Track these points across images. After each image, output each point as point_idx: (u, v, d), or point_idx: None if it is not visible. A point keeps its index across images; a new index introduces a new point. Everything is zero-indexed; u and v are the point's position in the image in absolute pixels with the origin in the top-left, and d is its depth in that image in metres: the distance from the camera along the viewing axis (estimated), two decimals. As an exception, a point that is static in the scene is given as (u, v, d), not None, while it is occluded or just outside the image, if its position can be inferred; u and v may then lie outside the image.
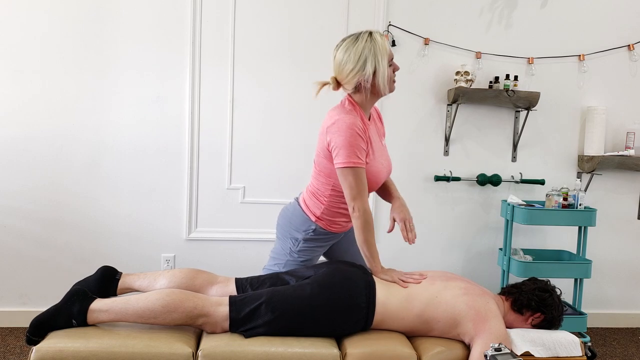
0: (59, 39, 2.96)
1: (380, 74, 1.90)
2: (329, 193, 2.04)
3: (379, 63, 1.89)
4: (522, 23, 3.24)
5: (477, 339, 1.79)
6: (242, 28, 3.07)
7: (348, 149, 1.88)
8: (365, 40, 1.90)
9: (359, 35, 1.93)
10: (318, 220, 2.08)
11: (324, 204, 2.06)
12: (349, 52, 1.91)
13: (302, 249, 2.12)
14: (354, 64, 1.90)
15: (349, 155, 1.88)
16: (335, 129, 1.90)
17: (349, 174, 1.90)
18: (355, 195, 1.92)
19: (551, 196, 3.00)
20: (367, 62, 1.89)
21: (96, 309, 1.77)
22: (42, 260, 3.07)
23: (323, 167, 2.01)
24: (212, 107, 3.09)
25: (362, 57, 1.89)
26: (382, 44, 1.90)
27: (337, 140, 1.89)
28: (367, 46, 1.89)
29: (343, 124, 1.89)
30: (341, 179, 1.93)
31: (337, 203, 2.05)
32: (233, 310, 1.79)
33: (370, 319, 1.85)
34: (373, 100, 2.01)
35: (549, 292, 1.99)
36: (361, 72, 1.90)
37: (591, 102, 3.33)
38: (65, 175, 3.03)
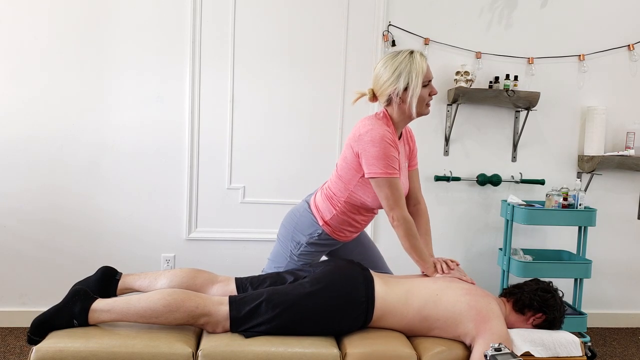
0: (59, 39, 2.96)
1: (411, 90, 1.93)
2: (344, 200, 2.04)
3: (412, 80, 1.93)
4: (522, 23, 3.25)
5: (478, 339, 1.80)
6: (242, 28, 3.07)
7: (383, 160, 1.90)
8: (405, 56, 1.95)
9: (400, 51, 1.98)
10: (325, 225, 2.08)
11: (336, 209, 2.06)
12: (387, 65, 1.96)
13: (303, 252, 2.12)
14: (388, 76, 1.94)
15: (384, 165, 1.91)
16: (368, 138, 1.92)
17: (385, 185, 1.92)
18: (393, 205, 1.94)
19: (551, 196, 3.00)
20: (401, 76, 1.93)
21: (97, 308, 1.77)
22: (42, 261, 3.07)
23: (345, 174, 2.02)
24: (212, 107, 3.09)
25: (397, 70, 1.93)
26: (419, 63, 1.94)
27: (371, 151, 1.91)
28: (405, 62, 1.94)
29: (377, 135, 1.91)
30: (377, 190, 1.95)
31: (349, 212, 2.06)
32: (233, 309, 1.79)
33: (370, 315, 1.85)
34: (404, 119, 2.02)
35: (551, 293, 2.00)
36: (394, 85, 1.94)
37: (591, 102, 3.33)
38: (65, 176, 3.04)
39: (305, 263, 2.13)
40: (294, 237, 2.13)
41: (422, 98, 1.97)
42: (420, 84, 1.94)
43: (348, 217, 2.08)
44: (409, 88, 1.93)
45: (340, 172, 2.04)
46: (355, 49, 3.14)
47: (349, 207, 2.06)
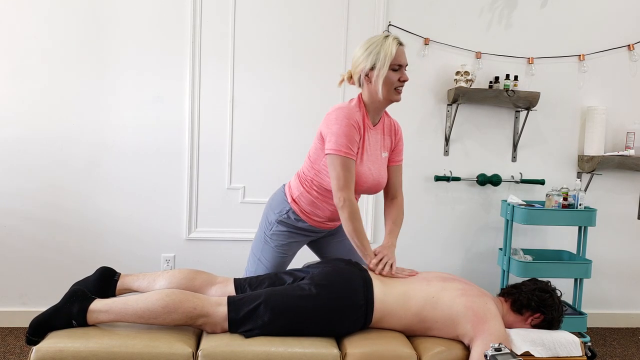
0: (59, 39, 2.96)
1: (377, 69, 1.95)
2: (311, 178, 2.07)
3: (379, 60, 1.95)
4: (522, 23, 3.24)
5: (476, 340, 1.79)
6: (242, 28, 3.07)
7: (341, 137, 1.93)
8: (378, 38, 1.99)
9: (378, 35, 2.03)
10: (293, 202, 2.11)
11: (304, 187, 2.09)
12: (361, 46, 2.01)
13: (275, 232, 2.14)
14: (360, 54, 1.99)
15: (341, 144, 1.93)
16: (333, 116, 1.97)
17: (337, 163, 1.94)
18: (342, 186, 1.95)
19: (551, 196, 3.00)
20: (370, 56, 1.96)
21: (96, 309, 1.77)
22: (42, 260, 3.07)
23: (313, 153, 2.06)
24: (212, 107, 3.09)
25: (368, 50, 1.97)
26: (389, 46, 1.95)
27: (332, 128, 1.95)
28: (376, 43, 1.97)
29: (341, 113, 1.96)
30: (330, 167, 1.96)
31: (316, 193, 2.08)
32: (232, 310, 1.79)
33: (370, 317, 1.85)
34: (375, 102, 2.02)
35: (549, 292, 1.99)
36: (363, 64, 1.97)
37: (591, 102, 3.33)
38: (65, 176, 3.04)
39: (280, 246, 2.14)
40: (267, 218, 2.18)
41: (390, 81, 1.97)
42: (387, 65, 1.95)
43: (314, 199, 2.09)
44: (375, 67, 1.95)
45: (311, 152, 2.08)
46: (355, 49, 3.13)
47: (316, 187, 2.08)
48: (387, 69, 1.95)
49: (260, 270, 2.17)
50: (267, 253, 2.16)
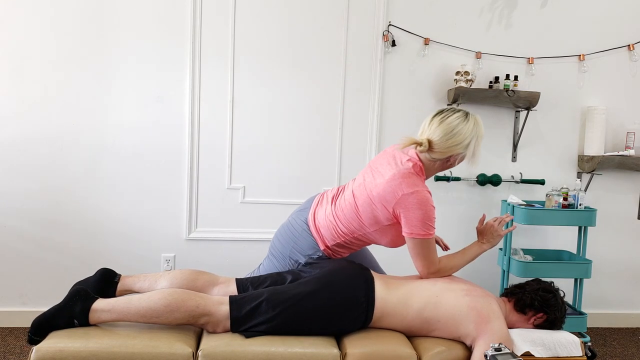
0: (59, 40, 2.96)
1: (476, 157, 2.01)
2: (355, 236, 2.05)
3: (478, 147, 2.00)
4: (522, 23, 3.25)
5: (479, 340, 1.80)
6: (242, 28, 3.07)
7: (426, 222, 1.92)
8: (473, 123, 1.98)
9: (465, 114, 1.99)
10: (327, 249, 2.08)
11: (341, 239, 2.06)
12: (459, 129, 1.95)
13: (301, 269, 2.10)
14: (460, 141, 1.95)
15: (427, 227, 1.93)
16: (414, 200, 1.90)
17: (423, 245, 1.94)
18: (429, 265, 1.98)
19: (551, 196, 3.00)
20: (470, 145, 1.97)
21: (98, 308, 1.77)
22: (42, 261, 3.07)
23: (367, 219, 2.00)
24: (212, 107, 3.09)
25: (468, 138, 1.96)
26: (482, 131, 2.01)
27: (416, 214, 1.91)
28: (475, 130, 1.98)
29: (423, 198, 1.91)
30: (412, 248, 1.96)
31: (355, 244, 2.08)
32: (234, 309, 1.79)
33: (370, 315, 1.85)
34: (439, 171, 2.07)
35: (553, 292, 2.00)
36: (461, 150, 1.97)
37: (591, 102, 3.33)
38: (65, 176, 3.03)
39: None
40: (291, 256, 2.12)
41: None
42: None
43: (352, 245, 2.10)
44: (475, 154, 2.00)
45: (364, 215, 2.00)
46: (355, 49, 3.14)
47: (357, 241, 2.07)
48: (480, 153, 2.03)
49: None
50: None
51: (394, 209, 1.93)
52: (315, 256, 2.08)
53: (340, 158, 3.19)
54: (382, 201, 1.94)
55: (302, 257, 2.09)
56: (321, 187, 3.20)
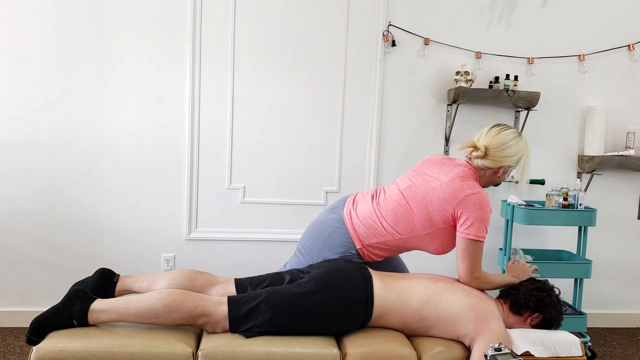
0: (59, 40, 2.96)
1: (525, 176, 2.11)
2: (404, 238, 2.03)
3: (527, 167, 2.11)
4: (522, 23, 3.25)
5: (477, 340, 1.80)
6: (242, 28, 3.07)
7: (484, 223, 1.95)
8: (525, 143, 2.11)
9: (519, 133, 2.11)
10: (363, 248, 2.05)
11: (378, 239, 2.04)
12: (513, 143, 2.06)
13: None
14: (513, 154, 2.06)
15: (483, 229, 1.95)
16: (476, 200, 1.95)
17: (475, 247, 1.95)
18: (474, 268, 1.98)
19: (551, 196, 3.00)
20: (521, 159, 2.09)
21: (97, 309, 1.77)
22: (42, 261, 3.07)
23: (421, 220, 1.99)
24: (212, 107, 3.09)
25: (520, 153, 2.08)
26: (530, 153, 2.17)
27: (477, 213, 1.94)
28: (526, 149, 2.10)
29: (484, 199, 1.97)
30: (462, 249, 1.96)
31: (397, 247, 2.07)
32: (232, 309, 1.79)
33: (370, 313, 1.85)
34: (487, 184, 2.13)
35: (547, 291, 1.99)
36: (512, 163, 2.07)
37: (591, 102, 3.33)
38: (65, 176, 3.04)
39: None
40: (321, 254, 2.07)
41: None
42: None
43: (389, 248, 2.06)
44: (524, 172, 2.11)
45: (419, 217, 1.99)
46: (355, 49, 3.14)
47: (401, 243, 2.05)
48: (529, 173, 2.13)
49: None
50: None
51: (454, 210, 1.95)
52: (349, 254, 2.04)
53: (340, 158, 3.19)
54: (443, 202, 1.96)
55: (333, 253, 2.05)
56: (321, 187, 3.20)
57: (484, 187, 2.08)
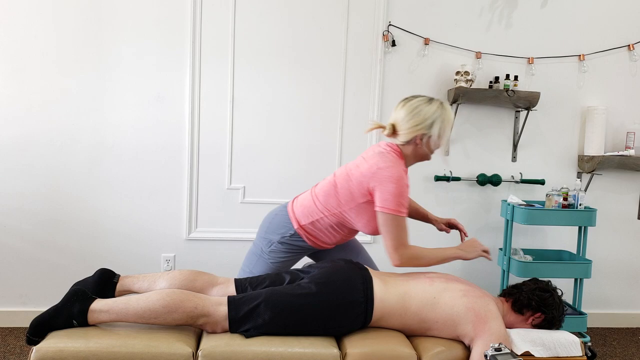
0: (59, 39, 2.96)
1: (438, 138, 2.02)
2: (333, 213, 2.07)
3: (444, 130, 2.02)
4: (522, 23, 3.25)
5: (477, 340, 1.80)
6: (242, 28, 3.07)
7: (398, 197, 1.93)
8: (437, 105, 2.02)
9: (431, 99, 2.04)
10: (300, 228, 2.11)
11: (318, 219, 2.09)
12: (420, 109, 2.00)
13: (274, 250, 2.15)
14: (420, 120, 1.99)
15: (398, 204, 1.93)
16: (387, 174, 1.95)
17: (394, 222, 1.94)
18: (398, 244, 1.97)
19: (551, 196, 3.00)
20: (434, 125, 2.00)
21: (97, 309, 1.77)
22: (42, 261, 3.07)
23: (344, 193, 2.04)
24: (212, 106, 3.09)
25: (431, 118, 1.99)
26: (451, 116, 2.04)
27: (388, 187, 1.93)
28: (438, 111, 2.01)
29: (396, 173, 1.95)
30: (383, 226, 1.96)
31: (331, 228, 2.10)
32: (232, 309, 1.79)
33: (369, 315, 1.85)
34: (414, 160, 2.08)
35: (550, 292, 2.00)
36: (424, 130, 1.99)
37: (591, 102, 3.33)
38: (64, 176, 3.04)
39: (275, 262, 2.15)
40: (266, 236, 2.18)
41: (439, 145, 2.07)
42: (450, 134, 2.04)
43: (327, 230, 2.11)
44: (441, 136, 2.02)
45: (341, 192, 2.05)
46: (355, 49, 3.14)
47: (335, 223, 2.09)
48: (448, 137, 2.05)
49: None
50: (260, 267, 2.18)
51: (369, 183, 1.97)
52: (288, 235, 2.12)
53: (340, 158, 3.19)
54: (360, 177, 2.00)
55: (276, 235, 2.15)
56: (321, 187, 3.20)
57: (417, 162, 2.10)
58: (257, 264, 2.19)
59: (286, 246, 2.14)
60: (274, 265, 2.16)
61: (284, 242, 2.14)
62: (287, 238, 2.13)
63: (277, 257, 2.16)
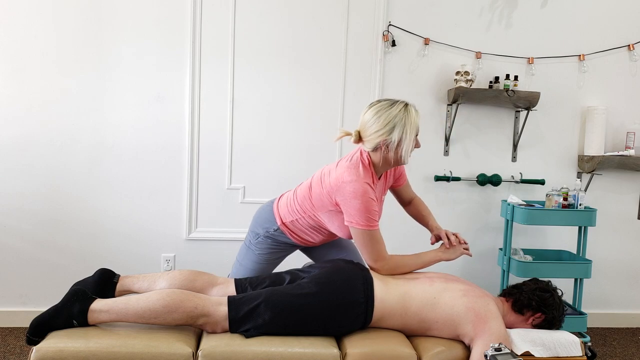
0: (59, 39, 2.96)
1: (405, 145, 1.92)
2: (309, 215, 2.07)
3: (406, 134, 1.91)
4: (522, 23, 3.24)
5: (477, 340, 1.80)
6: (242, 28, 3.07)
7: (364, 213, 1.90)
8: (400, 109, 1.92)
9: (395, 102, 1.94)
10: (283, 225, 2.13)
11: (296, 218, 2.10)
12: (380, 114, 1.91)
13: (260, 242, 2.18)
14: (381, 126, 1.90)
15: (366, 219, 1.90)
16: (350, 189, 1.89)
17: (365, 236, 1.93)
18: (377, 258, 1.96)
19: (551, 196, 3.00)
20: (395, 130, 1.90)
21: (97, 309, 1.77)
22: (42, 260, 3.07)
23: (317, 201, 2.03)
24: (212, 107, 3.09)
25: (391, 123, 1.90)
26: (414, 119, 1.92)
27: (352, 203, 1.90)
28: (400, 115, 1.90)
29: (359, 189, 1.89)
30: (356, 238, 1.96)
31: (310, 227, 2.10)
32: (232, 309, 1.79)
33: (370, 315, 1.85)
34: (386, 165, 2.01)
35: (550, 292, 2.00)
36: (385, 136, 1.90)
37: (591, 102, 3.33)
38: (65, 176, 3.04)
39: (263, 254, 2.18)
40: (252, 229, 2.22)
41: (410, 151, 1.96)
42: (414, 139, 1.93)
43: (307, 229, 2.11)
44: (402, 142, 1.91)
45: (314, 196, 2.04)
46: (355, 49, 3.14)
47: (311, 224, 2.09)
48: (413, 142, 1.94)
49: (240, 274, 2.22)
50: (249, 258, 2.22)
51: (334, 197, 1.95)
52: (272, 230, 2.14)
53: (340, 158, 3.19)
54: (327, 187, 1.98)
55: (261, 229, 2.18)
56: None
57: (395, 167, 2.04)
58: (246, 255, 2.23)
59: (271, 240, 2.17)
60: (261, 257, 2.19)
61: (269, 236, 2.16)
62: (271, 233, 2.16)
63: (264, 248, 2.18)
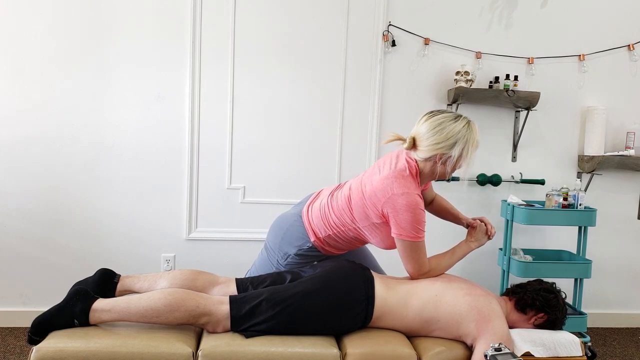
0: (59, 39, 2.96)
1: (462, 162, 1.91)
2: (348, 229, 2.02)
3: (467, 152, 1.90)
4: (522, 23, 3.25)
5: (479, 339, 1.80)
6: (242, 28, 3.07)
7: (415, 225, 1.88)
8: (464, 125, 1.91)
9: (458, 116, 1.93)
10: (317, 240, 2.06)
11: (330, 231, 2.04)
12: (444, 126, 1.89)
13: (290, 262, 2.10)
14: (443, 139, 1.89)
15: (416, 230, 1.89)
16: (403, 202, 1.86)
17: (412, 248, 1.91)
18: (420, 269, 1.96)
19: (551, 196, 3.00)
20: (456, 145, 1.89)
21: (98, 308, 1.77)
22: (42, 260, 3.07)
23: (358, 213, 1.97)
24: (212, 106, 3.09)
25: (454, 138, 1.88)
26: (476, 137, 1.92)
27: (404, 216, 1.87)
28: (463, 132, 1.89)
29: (412, 201, 1.86)
30: (402, 250, 1.93)
31: (346, 239, 2.05)
32: (234, 308, 1.79)
33: (370, 314, 1.85)
34: (432, 177, 1.99)
35: (554, 293, 2.00)
36: (445, 150, 1.89)
37: (591, 102, 3.33)
38: (65, 175, 3.04)
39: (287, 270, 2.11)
40: (281, 248, 2.11)
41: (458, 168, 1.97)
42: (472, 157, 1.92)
43: (341, 242, 2.06)
44: (460, 159, 1.90)
45: (355, 207, 1.98)
46: (355, 49, 3.14)
47: (349, 236, 2.04)
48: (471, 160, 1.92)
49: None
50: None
51: (382, 208, 1.90)
52: (305, 247, 2.06)
53: (340, 158, 3.19)
54: (373, 198, 1.92)
55: (292, 247, 2.08)
56: (321, 187, 3.16)
57: (433, 180, 2.01)
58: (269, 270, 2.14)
59: (302, 257, 2.09)
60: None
61: (301, 254, 2.07)
62: (304, 250, 2.07)
63: (292, 264, 2.11)
